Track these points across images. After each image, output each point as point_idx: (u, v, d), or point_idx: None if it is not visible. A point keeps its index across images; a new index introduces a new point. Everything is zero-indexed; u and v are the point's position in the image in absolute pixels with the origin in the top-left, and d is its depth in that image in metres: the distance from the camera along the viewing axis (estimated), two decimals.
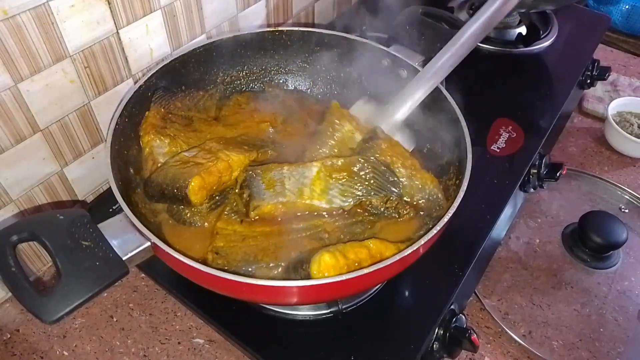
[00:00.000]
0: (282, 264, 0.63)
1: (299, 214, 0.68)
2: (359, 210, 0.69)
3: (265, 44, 0.86)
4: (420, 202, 0.71)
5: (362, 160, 0.70)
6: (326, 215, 0.68)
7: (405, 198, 0.70)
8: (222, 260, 0.63)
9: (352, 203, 0.68)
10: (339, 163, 0.69)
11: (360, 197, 0.68)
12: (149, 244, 0.55)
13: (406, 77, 0.81)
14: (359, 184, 0.69)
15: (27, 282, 0.48)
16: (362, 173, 0.69)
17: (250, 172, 0.68)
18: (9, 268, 0.48)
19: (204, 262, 0.63)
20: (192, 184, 0.65)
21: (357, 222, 0.68)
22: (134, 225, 0.55)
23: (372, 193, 0.69)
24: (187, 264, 0.52)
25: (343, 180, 0.68)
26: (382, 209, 0.69)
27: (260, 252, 0.64)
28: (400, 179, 0.71)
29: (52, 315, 0.47)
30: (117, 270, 0.51)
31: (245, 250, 0.64)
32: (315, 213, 0.68)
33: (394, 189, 0.70)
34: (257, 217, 0.67)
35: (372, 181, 0.69)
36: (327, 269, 0.56)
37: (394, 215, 0.69)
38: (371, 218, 0.69)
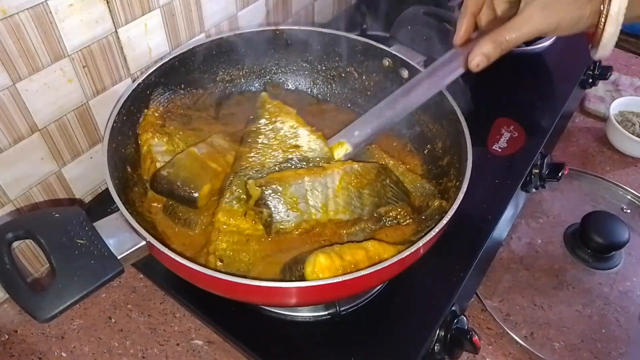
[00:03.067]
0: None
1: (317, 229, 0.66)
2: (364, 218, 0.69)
3: (265, 43, 0.86)
4: (416, 199, 0.71)
5: (379, 167, 0.70)
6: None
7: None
8: (226, 269, 0.62)
9: (369, 210, 0.68)
10: (358, 168, 0.68)
11: (377, 205, 0.68)
12: (144, 242, 0.54)
13: (407, 77, 0.80)
14: (378, 191, 0.68)
15: (21, 280, 0.48)
16: (380, 179, 0.69)
17: (269, 191, 0.62)
18: (4, 266, 0.48)
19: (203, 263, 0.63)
20: (203, 190, 0.66)
21: (359, 230, 0.68)
22: (129, 224, 0.55)
23: (390, 201, 0.69)
24: (182, 263, 0.52)
25: (364, 189, 0.67)
26: (385, 217, 0.69)
27: (263, 260, 0.63)
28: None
29: (46, 313, 0.47)
30: (111, 268, 0.51)
31: (249, 257, 0.63)
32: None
33: (406, 198, 0.70)
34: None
35: (387, 189, 0.69)
36: (322, 270, 0.55)
37: (394, 223, 0.69)
38: (373, 227, 0.69)
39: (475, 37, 0.67)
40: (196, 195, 0.66)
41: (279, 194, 0.62)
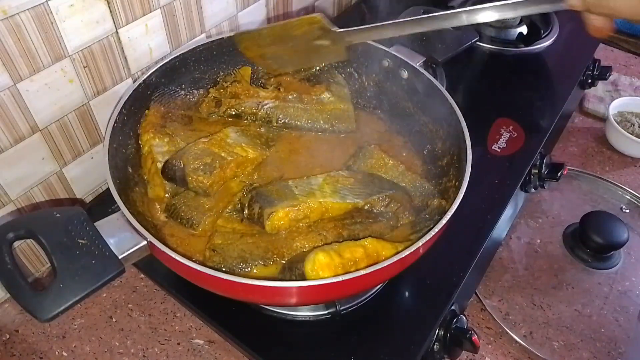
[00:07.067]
0: (278, 260, 0.63)
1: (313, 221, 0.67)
2: (358, 212, 0.69)
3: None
4: (416, 198, 0.72)
5: (364, 172, 0.71)
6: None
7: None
8: (218, 258, 0.63)
9: (364, 200, 0.68)
10: (344, 174, 0.70)
11: (371, 195, 0.69)
12: (145, 242, 0.55)
13: (407, 78, 0.81)
14: (367, 186, 0.69)
15: (23, 280, 0.48)
16: (366, 180, 0.70)
17: (256, 191, 0.68)
18: (5, 265, 0.48)
19: (202, 261, 0.63)
20: (214, 177, 0.70)
21: (356, 223, 0.68)
22: (130, 223, 0.55)
23: (382, 190, 0.69)
24: (183, 262, 0.52)
25: (350, 186, 0.69)
26: (382, 210, 0.69)
27: (257, 249, 0.64)
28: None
29: (47, 313, 0.47)
30: (112, 268, 0.51)
31: (242, 247, 0.64)
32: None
33: (395, 186, 0.71)
34: (275, 230, 0.65)
35: (376, 181, 0.70)
36: (322, 267, 0.56)
37: (392, 218, 0.69)
38: (370, 221, 0.69)
39: None
40: (207, 182, 0.68)
41: (264, 190, 0.68)
